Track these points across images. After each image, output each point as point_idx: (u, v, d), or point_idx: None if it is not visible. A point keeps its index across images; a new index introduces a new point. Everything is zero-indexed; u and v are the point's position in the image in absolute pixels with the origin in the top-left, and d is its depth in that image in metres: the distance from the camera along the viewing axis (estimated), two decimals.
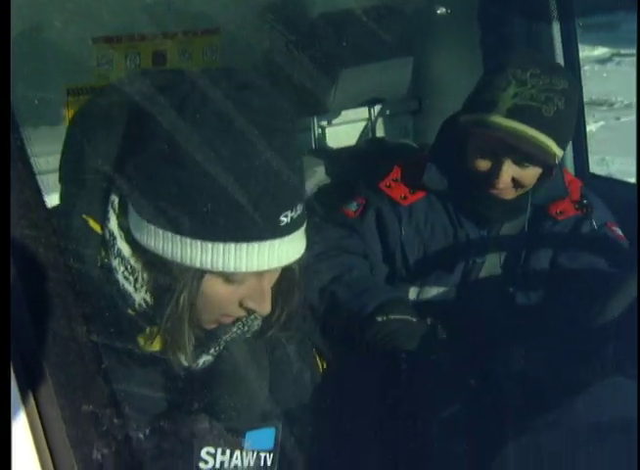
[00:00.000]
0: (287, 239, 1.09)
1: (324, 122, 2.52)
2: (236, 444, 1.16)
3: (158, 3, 1.95)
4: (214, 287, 1.11)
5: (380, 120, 2.65)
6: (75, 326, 0.70)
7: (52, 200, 2.07)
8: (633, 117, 8.91)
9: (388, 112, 2.68)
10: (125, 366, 1.13)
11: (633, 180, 3.80)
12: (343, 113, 2.59)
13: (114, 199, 1.09)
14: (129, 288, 1.10)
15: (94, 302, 1.05)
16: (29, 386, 0.68)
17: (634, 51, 12.65)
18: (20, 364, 0.68)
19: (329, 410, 1.37)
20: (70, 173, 1.13)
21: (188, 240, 1.04)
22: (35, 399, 0.67)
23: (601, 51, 11.78)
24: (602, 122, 7.72)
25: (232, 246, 1.05)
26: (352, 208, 2.00)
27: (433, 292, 1.93)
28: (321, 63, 2.19)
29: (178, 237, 1.05)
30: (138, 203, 1.06)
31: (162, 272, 1.08)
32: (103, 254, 1.09)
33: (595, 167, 2.57)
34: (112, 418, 0.66)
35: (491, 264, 1.97)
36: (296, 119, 1.17)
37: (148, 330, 1.13)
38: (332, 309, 1.78)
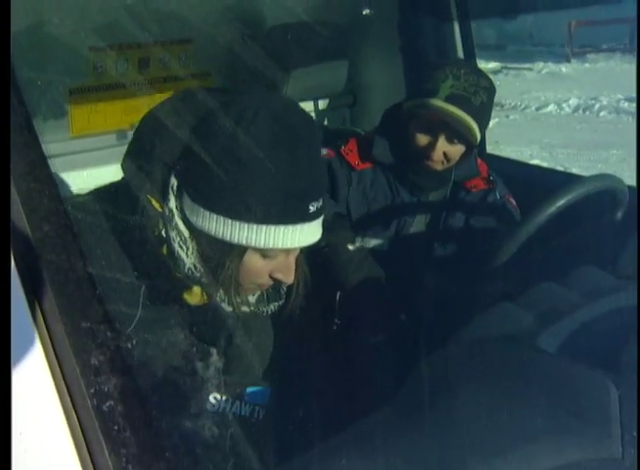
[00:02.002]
0: (312, 224, 1.11)
1: None
2: (238, 395, 1.18)
3: (143, 19, 1.90)
4: (252, 260, 1.12)
5: (323, 112, 2.62)
6: (74, 260, 0.67)
7: (62, 179, 2.05)
8: (518, 116, 9.08)
9: (329, 105, 2.66)
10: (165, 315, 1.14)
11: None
12: None
13: (174, 183, 1.09)
14: (182, 255, 1.09)
15: (147, 263, 1.10)
16: (39, 306, 0.66)
17: (517, 65, 12.85)
18: (30, 289, 0.66)
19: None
20: (138, 160, 1.11)
21: (236, 222, 1.05)
22: (43, 316, 0.66)
23: (493, 65, 11.97)
24: (496, 119, 7.82)
25: (271, 228, 1.06)
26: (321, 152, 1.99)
27: (371, 243, 1.93)
28: (275, 66, 2.16)
29: (228, 220, 1.06)
30: (193, 189, 1.07)
31: (212, 246, 1.09)
32: (160, 226, 1.10)
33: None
34: (105, 332, 0.64)
35: (419, 223, 2.00)
36: (320, 134, 1.20)
37: (194, 289, 1.15)
38: None
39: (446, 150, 1.84)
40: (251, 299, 1.23)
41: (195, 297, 1.16)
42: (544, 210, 1.57)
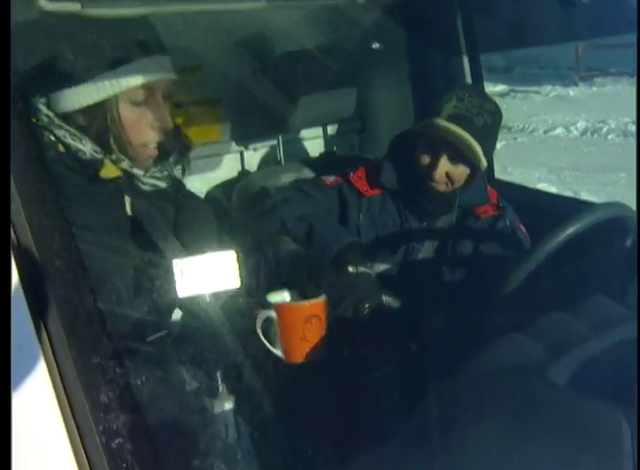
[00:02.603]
0: (154, 57, 1.24)
1: (287, 139, 2.49)
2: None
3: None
4: (127, 113, 1.22)
5: (332, 138, 2.63)
6: (84, 296, 0.67)
7: None
8: (526, 139, 9.08)
9: (337, 130, 2.67)
10: None
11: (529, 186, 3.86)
12: (302, 131, 2.58)
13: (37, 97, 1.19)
14: (79, 145, 1.19)
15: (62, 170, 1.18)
16: (49, 342, 0.65)
17: (524, 88, 12.87)
18: (40, 325, 0.66)
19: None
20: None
21: (93, 82, 1.16)
22: (53, 352, 0.65)
23: (501, 88, 12.00)
24: (504, 142, 7.83)
25: (118, 69, 1.18)
26: (330, 179, 2.00)
27: (379, 268, 1.93)
28: (284, 92, 2.18)
29: (87, 84, 1.17)
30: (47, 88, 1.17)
31: (90, 119, 1.20)
32: (47, 133, 1.18)
33: (498, 175, 2.62)
34: (114, 368, 0.64)
35: (427, 249, 1.99)
36: None
37: (104, 163, 1.22)
38: (307, 237, 1.78)
39: (449, 170, 1.84)
40: (154, 169, 1.31)
41: (109, 170, 1.23)
42: (554, 237, 1.56)
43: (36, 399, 0.64)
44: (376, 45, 2.20)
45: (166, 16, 1.29)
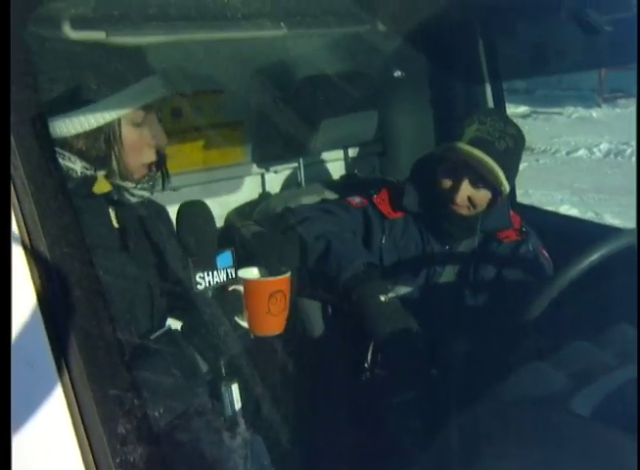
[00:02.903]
0: (154, 77, 1.26)
1: (308, 162, 2.49)
2: (213, 266, 1.29)
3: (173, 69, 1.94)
4: (129, 134, 1.25)
5: (353, 160, 2.63)
6: (104, 327, 0.67)
7: None
8: (548, 160, 9.03)
9: (358, 153, 2.67)
10: None
11: (550, 208, 3.83)
12: (324, 154, 2.58)
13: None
14: (70, 165, 1.20)
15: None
16: (67, 373, 0.65)
17: (546, 110, 12.82)
18: (60, 355, 0.66)
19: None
20: None
21: (102, 103, 1.19)
22: (72, 383, 0.65)
23: (523, 109, 11.95)
24: (526, 163, 7.77)
25: (123, 92, 1.20)
26: (356, 200, 2.01)
27: (401, 290, 1.91)
28: (305, 115, 2.19)
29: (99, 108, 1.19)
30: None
31: (93, 141, 1.21)
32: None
33: (520, 198, 2.60)
34: (132, 400, 0.63)
35: (449, 273, 1.98)
36: None
37: (98, 178, 1.25)
38: (324, 257, 1.79)
39: (471, 194, 1.84)
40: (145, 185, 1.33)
41: (102, 185, 1.26)
42: (577, 264, 1.54)
43: (54, 430, 0.64)
44: (398, 73, 2.20)
45: (189, 43, 1.29)
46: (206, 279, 1.28)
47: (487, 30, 2.30)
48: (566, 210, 6.09)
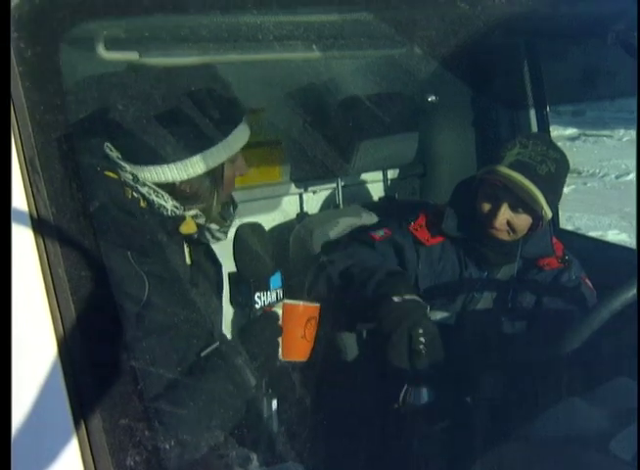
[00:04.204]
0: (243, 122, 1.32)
1: (347, 183, 2.48)
2: (267, 287, 1.39)
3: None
4: (228, 172, 1.31)
5: (393, 182, 2.61)
6: (116, 355, 0.66)
7: None
8: (596, 184, 8.86)
9: (398, 175, 2.64)
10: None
11: (596, 233, 3.74)
12: (363, 175, 2.56)
13: (117, 154, 1.23)
14: (162, 202, 1.24)
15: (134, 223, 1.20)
16: (78, 401, 0.64)
17: (596, 132, 12.63)
18: (71, 383, 0.65)
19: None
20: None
21: (208, 151, 1.26)
22: (82, 412, 0.63)
23: (571, 131, 11.76)
24: (573, 186, 7.64)
25: (229, 137, 1.28)
26: (378, 233, 1.97)
27: (437, 315, 1.88)
28: (345, 136, 2.18)
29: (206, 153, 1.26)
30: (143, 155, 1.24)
31: (195, 184, 1.27)
32: (128, 190, 1.22)
33: (564, 223, 2.54)
34: (143, 431, 0.62)
35: (487, 300, 1.93)
36: None
37: (186, 219, 1.29)
38: (348, 287, 1.76)
39: (510, 218, 1.79)
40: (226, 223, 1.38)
41: (189, 225, 1.30)
42: (621, 295, 1.48)
43: (63, 459, 0.63)
44: (432, 98, 2.17)
45: (225, 64, 1.30)
46: (262, 299, 1.37)
47: (531, 54, 2.27)
48: (614, 234, 5.95)
